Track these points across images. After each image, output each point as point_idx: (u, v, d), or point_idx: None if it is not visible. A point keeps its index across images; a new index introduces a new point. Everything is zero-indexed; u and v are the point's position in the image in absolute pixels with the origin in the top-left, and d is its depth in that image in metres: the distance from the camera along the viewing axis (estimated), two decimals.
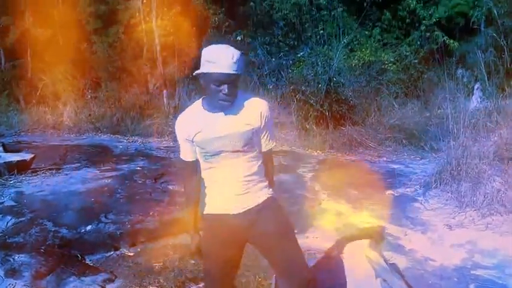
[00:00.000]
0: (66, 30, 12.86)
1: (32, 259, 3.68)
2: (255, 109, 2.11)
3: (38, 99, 12.56)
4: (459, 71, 12.06)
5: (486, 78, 10.87)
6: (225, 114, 2.06)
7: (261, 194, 2.17)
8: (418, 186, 5.65)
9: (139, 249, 4.04)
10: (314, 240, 4.07)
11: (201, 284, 3.26)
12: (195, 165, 2.22)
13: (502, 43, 11.64)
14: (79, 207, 4.88)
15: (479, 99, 10.56)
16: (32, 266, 3.58)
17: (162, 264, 3.73)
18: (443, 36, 12.59)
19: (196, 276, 3.50)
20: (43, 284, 3.36)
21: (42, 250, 3.85)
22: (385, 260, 2.94)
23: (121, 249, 4.02)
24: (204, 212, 2.23)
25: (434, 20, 12.62)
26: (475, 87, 11.14)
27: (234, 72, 1.96)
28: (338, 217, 4.70)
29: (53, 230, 4.27)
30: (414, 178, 6.22)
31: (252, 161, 2.14)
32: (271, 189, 2.23)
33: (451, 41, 12.72)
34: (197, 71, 2.03)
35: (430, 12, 12.81)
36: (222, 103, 2.01)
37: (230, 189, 2.14)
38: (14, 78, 13.54)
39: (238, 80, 2.01)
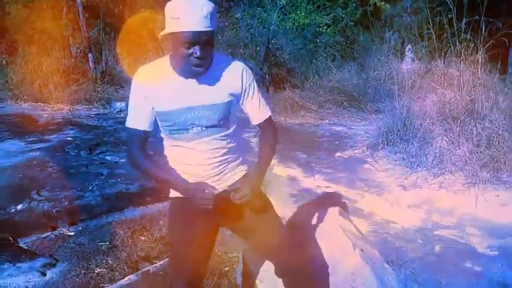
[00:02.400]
0: None
1: None
2: (235, 75, 1.75)
3: None
4: (387, 34, 12.27)
5: (416, 40, 11.16)
6: (199, 81, 1.69)
7: (236, 172, 1.89)
8: (365, 148, 5.64)
9: (80, 228, 3.63)
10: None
11: (157, 263, 2.97)
12: (146, 137, 1.81)
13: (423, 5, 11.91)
14: (5, 184, 4.30)
15: (409, 61, 10.84)
16: None
17: (109, 243, 3.38)
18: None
19: (149, 254, 3.21)
20: None
21: None
22: (358, 229, 2.80)
23: (59, 229, 3.59)
24: (171, 195, 1.92)
25: None
26: (406, 49, 11.40)
27: (206, 29, 1.57)
28: (292, 183, 4.55)
29: None
30: (359, 140, 6.22)
31: (227, 138, 1.81)
32: (245, 165, 1.95)
33: (382, 3, 12.84)
34: (162, 32, 1.64)
35: None
36: (195, 69, 1.63)
37: (202, 171, 1.81)
38: None
39: (213, 38, 1.63)
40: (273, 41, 10.30)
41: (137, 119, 1.78)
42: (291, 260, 1.94)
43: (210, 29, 1.57)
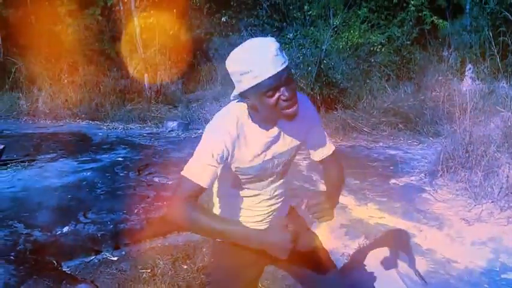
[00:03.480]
0: (38, 11, 12.12)
1: (0, 268, 3.19)
2: (308, 115, 1.65)
3: (11, 85, 11.85)
4: (445, 52, 11.77)
5: (478, 60, 10.62)
6: (281, 130, 1.58)
7: (286, 205, 1.84)
8: (422, 175, 5.29)
9: (123, 253, 3.58)
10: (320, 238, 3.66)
11: None
12: (201, 194, 1.55)
13: (486, 24, 11.36)
14: (54, 205, 4.35)
15: (470, 81, 10.32)
16: (0, 277, 3.09)
17: (150, 271, 3.28)
18: (431, 16, 12.22)
19: (190, 284, 3.08)
20: None
21: (12, 257, 3.35)
22: (418, 274, 2.53)
23: (103, 253, 3.55)
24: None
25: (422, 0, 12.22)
26: (467, 68, 10.89)
27: (283, 66, 1.40)
28: (342, 211, 4.29)
29: (24, 232, 3.75)
30: (416, 165, 5.86)
31: (286, 179, 1.77)
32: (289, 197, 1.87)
33: (441, 21, 12.37)
34: (236, 93, 1.50)
35: None
36: (288, 112, 1.45)
37: (266, 215, 1.75)
38: None
39: (291, 73, 1.47)
40: (325, 61, 10.10)
41: (204, 177, 1.51)
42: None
43: (286, 64, 1.42)
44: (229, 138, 1.51)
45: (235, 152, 1.54)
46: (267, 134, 1.57)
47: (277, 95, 1.42)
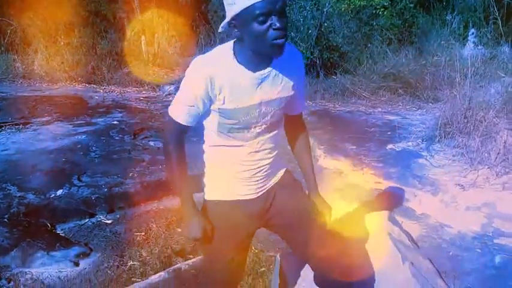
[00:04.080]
0: None
1: None
2: (297, 65, 1.64)
3: (6, 47, 11.64)
4: (448, 16, 11.53)
5: (481, 24, 10.41)
6: (267, 74, 1.51)
7: (280, 168, 1.79)
8: (420, 140, 5.24)
9: (118, 216, 3.59)
10: None
11: (190, 261, 2.84)
12: (186, 132, 1.64)
13: None
14: (48, 168, 4.32)
15: (472, 46, 10.15)
16: None
17: (144, 234, 3.30)
18: None
19: (183, 248, 3.09)
20: (7, 261, 2.90)
21: (5, 220, 3.36)
22: (410, 238, 2.52)
23: (97, 216, 3.57)
24: (213, 199, 1.71)
25: None
26: (470, 33, 10.69)
27: None
28: (338, 176, 4.29)
29: (18, 195, 3.74)
30: (414, 131, 5.80)
31: (279, 131, 1.71)
32: (284, 162, 1.82)
33: None
34: (226, 21, 1.45)
35: None
36: (277, 43, 1.40)
37: (254, 170, 1.66)
38: None
39: (285, 7, 1.41)
40: (326, 24, 9.89)
41: (187, 115, 1.57)
42: (332, 268, 1.76)
43: None
44: (210, 78, 1.49)
45: (217, 93, 1.51)
46: (253, 76, 1.50)
47: (268, 22, 1.38)
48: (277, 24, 1.37)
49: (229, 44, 1.52)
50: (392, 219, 2.55)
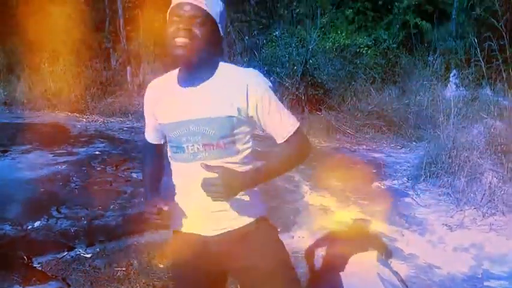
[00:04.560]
0: None
1: None
2: (240, 85, 1.40)
3: None
4: (430, 57, 11.85)
5: (463, 66, 10.69)
6: (198, 91, 1.42)
7: (245, 212, 1.50)
8: (405, 179, 5.26)
9: (97, 250, 3.43)
10: (300, 241, 3.58)
11: None
12: (157, 150, 1.70)
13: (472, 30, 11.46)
14: (26, 198, 4.16)
15: (454, 87, 10.38)
16: None
17: (125, 269, 3.15)
18: (415, 18, 12.25)
19: (166, 284, 2.95)
20: None
21: None
22: (400, 278, 2.46)
23: (76, 250, 3.40)
24: (172, 229, 1.63)
25: (407, 2, 12.22)
26: (451, 74, 10.96)
27: (194, 2, 1.36)
28: (324, 213, 4.23)
29: None
30: (399, 169, 5.84)
31: (234, 164, 1.45)
32: (261, 206, 1.58)
33: (423, 22, 12.41)
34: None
35: None
36: (175, 53, 1.37)
37: (200, 202, 1.45)
38: None
39: (206, 23, 1.38)
40: (311, 61, 10.05)
41: (148, 132, 1.69)
42: None
43: (200, 5, 1.36)
44: (153, 86, 1.58)
45: (156, 105, 1.54)
46: (180, 91, 1.46)
47: (174, 27, 1.38)
48: (180, 29, 1.37)
49: None
50: (381, 259, 2.49)
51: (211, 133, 1.41)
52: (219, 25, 1.43)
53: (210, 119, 1.40)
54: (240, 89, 1.40)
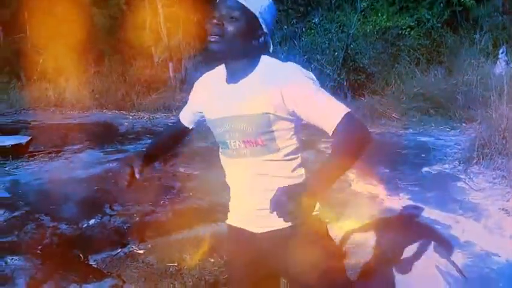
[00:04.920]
0: (64, 1, 12.17)
1: (26, 262, 3.17)
2: (276, 81, 1.34)
3: (39, 75, 12.00)
4: (477, 35, 11.33)
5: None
6: (238, 87, 1.40)
7: (293, 212, 1.34)
8: (456, 162, 5.08)
9: (150, 246, 3.52)
10: (349, 231, 3.52)
11: None
12: (181, 131, 1.74)
13: None
14: (80, 197, 4.34)
15: (504, 64, 9.90)
16: (27, 271, 3.07)
17: (177, 264, 3.22)
18: None
19: (217, 279, 3.00)
20: None
21: (38, 251, 3.34)
22: (457, 268, 2.38)
23: (129, 246, 3.50)
24: (226, 221, 1.64)
25: None
26: (500, 51, 10.45)
27: None
28: (373, 202, 4.15)
29: (50, 225, 3.74)
30: (449, 152, 5.64)
31: (277, 161, 1.41)
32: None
33: (468, 0, 11.83)
34: None
35: None
36: (209, 47, 1.37)
37: (247, 199, 1.48)
38: (13, 54, 12.91)
39: (244, 19, 1.34)
40: (352, 46, 9.85)
41: (184, 112, 1.71)
42: None
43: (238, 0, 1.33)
44: (202, 81, 1.58)
45: (204, 98, 1.54)
46: (224, 87, 1.45)
47: (210, 21, 1.37)
48: (214, 21, 1.35)
49: None
50: (438, 249, 2.41)
51: (249, 130, 1.39)
52: (261, 20, 1.38)
53: (246, 116, 1.38)
54: (277, 85, 1.34)
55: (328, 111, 1.33)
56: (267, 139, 1.39)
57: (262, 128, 1.38)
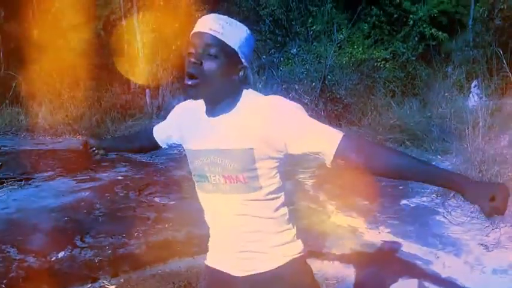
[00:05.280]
0: (41, 25, 12.05)
1: None
2: (260, 115, 1.29)
3: (11, 99, 11.72)
4: (449, 68, 11.66)
5: (485, 76, 10.47)
6: (222, 122, 1.34)
7: (274, 255, 1.39)
8: (434, 195, 5.08)
9: (122, 281, 3.35)
10: (330, 266, 3.44)
11: None
12: (155, 144, 1.73)
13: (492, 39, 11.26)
14: (50, 228, 4.14)
15: (476, 98, 10.17)
16: None
17: None
18: (431, 29, 12.06)
19: None
20: None
21: (3, 286, 3.14)
22: None
23: (100, 281, 3.33)
24: (205, 261, 1.56)
25: (421, 14, 12.04)
26: (473, 85, 10.75)
27: (209, 32, 1.27)
28: (353, 235, 4.09)
29: (17, 258, 3.53)
30: (426, 185, 5.65)
31: (259, 201, 1.35)
32: (295, 244, 1.43)
33: (440, 33, 12.19)
34: None
35: (416, 8, 12.27)
36: (185, 85, 1.31)
37: (228, 241, 1.43)
38: None
39: (223, 55, 1.27)
40: (329, 77, 9.98)
41: (159, 128, 1.71)
42: None
43: (214, 34, 1.27)
44: (184, 109, 1.54)
45: (184, 127, 1.50)
46: (205, 120, 1.39)
47: (188, 59, 1.31)
48: (190, 65, 1.29)
49: None
50: (420, 286, 2.36)
51: (231, 166, 1.33)
52: (240, 54, 1.32)
53: (229, 150, 1.32)
54: (261, 119, 1.28)
55: (327, 135, 1.27)
56: (249, 177, 1.33)
57: (245, 165, 1.31)
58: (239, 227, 1.38)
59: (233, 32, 1.29)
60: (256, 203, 1.35)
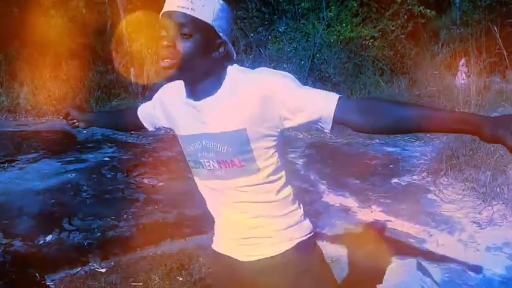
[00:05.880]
0: (21, 3, 11.67)
1: None
2: (249, 91, 1.20)
3: None
4: (436, 47, 11.63)
5: (473, 54, 10.47)
6: (207, 103, 1.24)
7: (281, 239, 1.33)
8: (425, 174, 5.07)
9: (112, 264, 3.28)
10: (324, 246, 3.41)
11: None
12: (137, 120, 1.60)
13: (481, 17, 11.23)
14: (37, 211, 4.02)
15: (464, 76, 10.18)
16: None
17: (142, 284, 3.01)
18: (419, 7, 11.97)
19: None
20: None
21: None
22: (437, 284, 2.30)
23: (90, 264, 3.25)
24: (212, 245, 1.50)
25: None
26: (460, 63, 10.74)
27: (179, 9, 1.15)
28: (346, 214, 4.06)
29: (3, 242, 3.43)
30: (416, 163, 5.64)
31: (258, 185, 1.28)
32: (301, 226, 1.36)
33: (428, 11, 12.11)
34: None
35: None
36: (164, 73, 1.21)
37: (230, 228, 1.38)
38: None
39: (198, 31, 1.17)
40: (317, 55, 9.87)
41: (144, 109, 1.58)
42: None
43: (184, 11, 1.15)
44: (167, 93, 1.41)
45: (169, 112, 1.40)
46: (190, 101, 1.27)
47: (160, 42, 1.19)
48: (164, 43, 1.18)
49: None
50: (421, 268, 2.33)
51: (224, 150, 1.24)
52: (217, 28, 1.20)
53: (220, 134, 1.23)
54: (251, 97, 1.19)
55: (322, 99, 1.18)
56: (245, 159, 1.24)
57: (238, 147, 1.23)
58: (240, 214, 1.32)
59: (205, 6, 1.17)
60: (256, 188, 1.28)
